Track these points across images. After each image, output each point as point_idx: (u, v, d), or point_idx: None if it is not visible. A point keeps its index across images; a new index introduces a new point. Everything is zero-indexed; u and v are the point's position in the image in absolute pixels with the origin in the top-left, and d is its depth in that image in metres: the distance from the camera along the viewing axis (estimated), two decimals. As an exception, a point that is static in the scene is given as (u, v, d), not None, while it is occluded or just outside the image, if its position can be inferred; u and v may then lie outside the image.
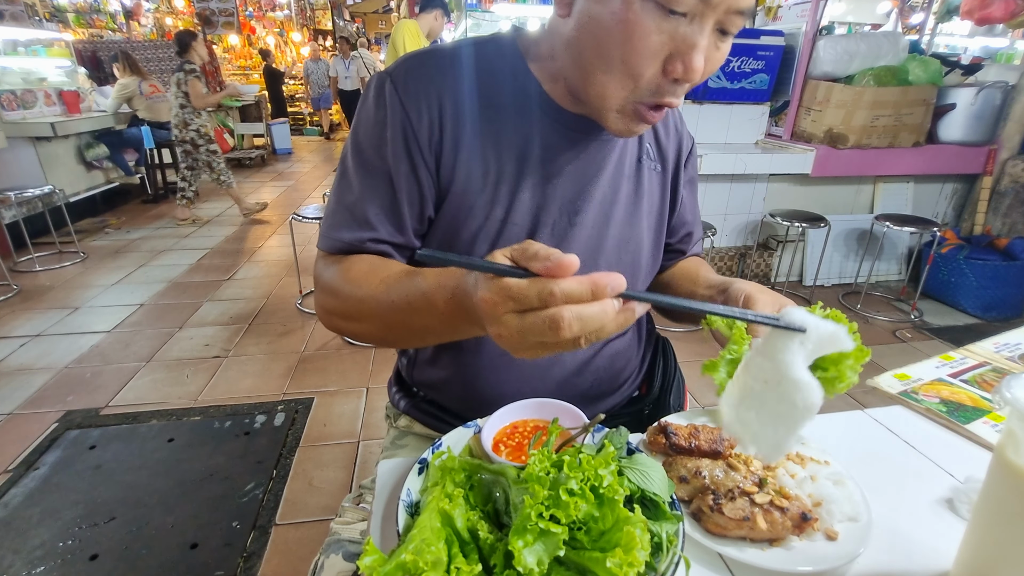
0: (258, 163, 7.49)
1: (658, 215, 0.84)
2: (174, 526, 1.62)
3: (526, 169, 0.71)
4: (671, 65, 0.56)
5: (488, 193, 0.70)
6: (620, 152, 0.77)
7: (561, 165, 0.72)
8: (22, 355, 2.57)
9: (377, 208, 0.68)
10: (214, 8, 8.41)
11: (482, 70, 0.70)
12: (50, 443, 1.97)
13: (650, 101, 0.59)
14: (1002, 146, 3.21)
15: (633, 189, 0.79)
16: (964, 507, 0.61)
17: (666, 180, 0.84)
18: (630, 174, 0.79)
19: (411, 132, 0.66)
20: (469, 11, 5.64)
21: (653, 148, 0.82)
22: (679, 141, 0.85)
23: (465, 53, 0.70)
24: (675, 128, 0.86)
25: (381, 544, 0.55)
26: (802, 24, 3.14)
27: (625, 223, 0.78)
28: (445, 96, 0.67)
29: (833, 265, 3.49)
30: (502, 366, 0.77)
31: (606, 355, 0.82)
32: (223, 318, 3.01)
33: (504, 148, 0.70)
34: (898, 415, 0.79)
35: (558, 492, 0.44)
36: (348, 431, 2.08)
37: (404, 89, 0.67)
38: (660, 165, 0.83)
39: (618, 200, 0.77)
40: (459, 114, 0.68)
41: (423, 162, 0.68)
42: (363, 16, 13.72)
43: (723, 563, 0.54)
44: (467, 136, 0.68)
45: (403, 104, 0.66)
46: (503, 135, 0.70)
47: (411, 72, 0.68)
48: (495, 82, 0.70)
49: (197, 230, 4.60)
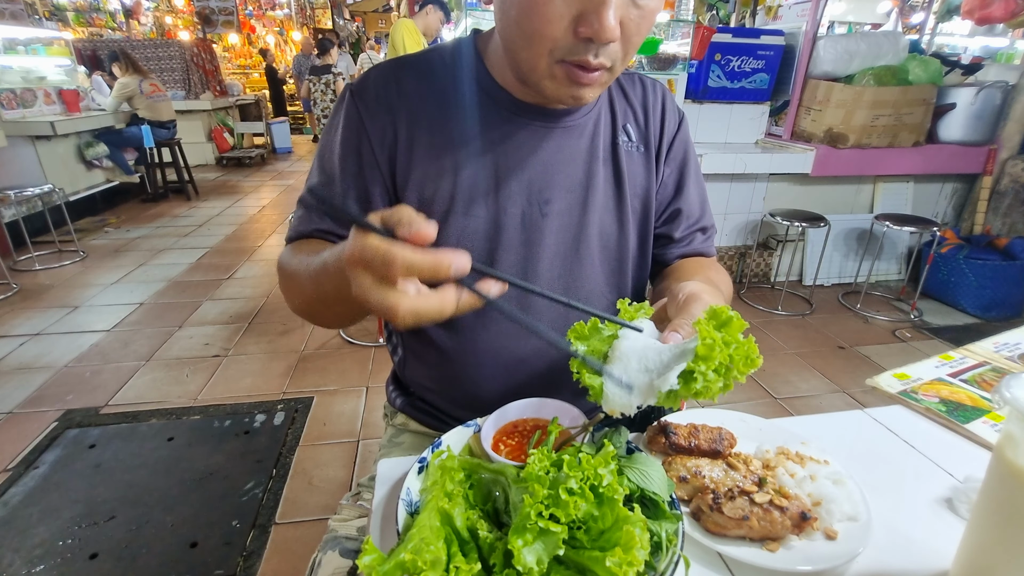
0: (258, 162, 7.49)
1: (644, 197, 0.81)
2: (174, 525, 1.62)
3: (483, 163, 0.72)
4: (582, 25, 0.56)
5: (447, 188, 0.71)
6: (591, 137, 0.76)
7: (523, 155, 0.73)
8: (22, 354, 2.57)
9: (325, 203, 0.73)
10: (214, 7, 8.40)
11: (438, 73, 0.73)
12: (50, 442, 1.97)
13: (571, 59, 0.59)
14: (1002, 146, 3.21)
15: (612, 173, 0.78)
16: (963, 507, 0.61)
17: (650, 160, 0.81)
18: (606, 158, 0.78)
19: (365, 137, 0.71)
20: (469, 10, 5.63)
21: (633, 129, 0.80)
22: (661, 117, 0.83)
23: (425, 59, 0.74)
24: (657, 107, 0.83)
25: (380, 543, 0.55)
26: (802, 24, 3.14)
27: (606, 208, 0.77)
28: (400, 103, 0.71)
29: (833, 265, 3.49)
30: (487, 364, 0.77)
31: None
32: (223, 317, 3.01)
33: (460, 144, 0.71)
34: (898, 415, 0.79)
35: (558, 491, 0.44)
36: (348, 430, 2.08)
37: (361, 98, 0.72)
38: (643, 145, 0.81)
39: (595, 186, 0.76)
40: (415, 118, 0.71)
41: (374, 163, 0.72)
42: (363, 15, 13.71)
43: (723, 562, 0.54)
44: (423, 137, 0.71)
45: (359, 112, 0.72)
46: (459, 132, 0.72)
47: (369, 82, 0.73)
48: (452, 83, 0.73)
49: (197, 229, 4.60)
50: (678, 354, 0.48)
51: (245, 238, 4.40)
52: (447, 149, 0.71)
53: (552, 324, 0.77)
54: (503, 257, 0.74)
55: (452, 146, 0.71)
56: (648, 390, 0.48)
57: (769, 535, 0.53)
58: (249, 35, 10.46)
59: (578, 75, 0.60)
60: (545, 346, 0.77)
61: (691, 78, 3.20)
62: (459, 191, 0.71)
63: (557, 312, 0.77)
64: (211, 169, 7.08)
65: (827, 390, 2.41)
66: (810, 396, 2.36)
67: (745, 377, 0.47)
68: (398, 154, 0.71)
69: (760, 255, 3.48)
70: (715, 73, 3.16)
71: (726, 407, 0.74)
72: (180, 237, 4.38)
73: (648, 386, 0.49)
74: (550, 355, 0.78)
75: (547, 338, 0.49)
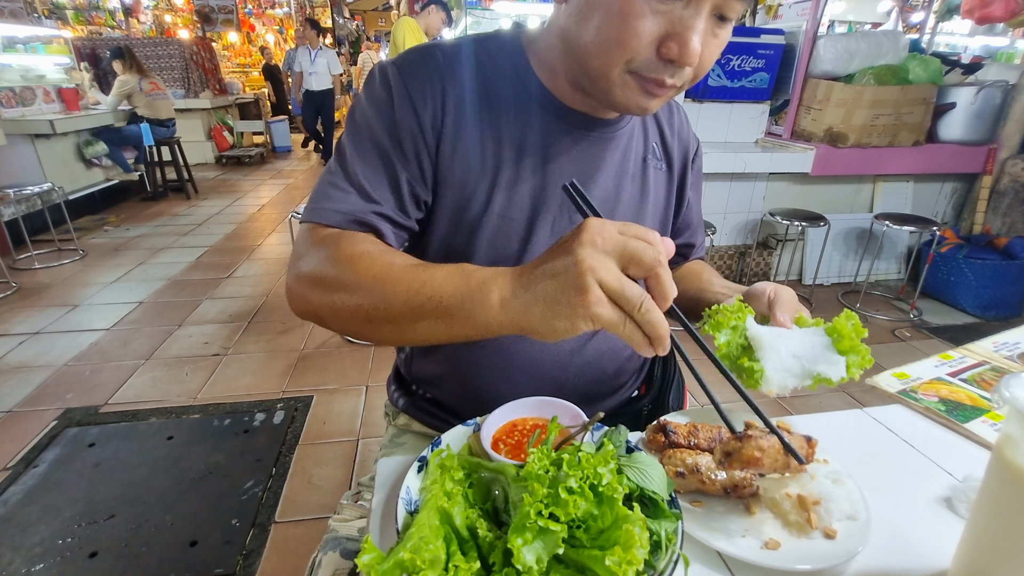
0: (257, 161, 7.48)
1: (663, 217, 0.83)
2: (173, 524, 1.62)
3: (524, 164, 0.70)
4: (666, 47, 0.56)
5: (485, 186, 0.69)
6: (624, 150, 0.76)
7: (561, 162, 0.72)
8: (21, 353, 2.57)
9: (382, 184, 0.66)
10: (213, 5, 8.40)
11: (483, 66, 0.70)
12: (49, 441, 1.97)
13: (648, 75, 0.59)
14: (1002, 145, 3.21)
15: (638, 189, 0.79)
16: (963, 506, 0.61)
17: (672, 181, 0.83)
18: (635, 173, 0.78)
19: (414, 117, 0.66)
20: (469, 9, 5.63)
21: (659, 147, 0.82)
22: (686, 142, 0.85)
23: (466, 49, 0.70)
24: (681, 128, 0.85)
25: (380, 542, 0.55)
26: (802, 23, 3.14)
27: None
28: (448, 88, 0.67)
29: (833, 264, 3.49)
30: (499, 363, 0.77)
31: (606, 355, 0.81)
32: (222, 316, 3.01)
33: (503, 142, 0.70)
34: (897, 414, 0.79)
35: (557, 490, 0.44)
36: (347, 429, 2.08)
37: (410, 76, 0.67)
38: (665, 165, 0.82)
39: (621, 199, 0.76)
40: (460, 106, 0.68)
41: (425, 148, 0.67)
42: (363, 13, 13.70)
43: (722, 561, 0.54)
44: (467, 128, 0.68)
45: (408, 90, 0.66)
46: (502, 129, 0.70)
47: (415, 63, 0.68)
48: (496, 78, 0.70)
49: (196, 228, 4.60)
50: (823, 344, 0.61)
51: (245, 237, 4.39)
52: (491, 146, 0.69)
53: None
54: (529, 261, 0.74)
55: (496, 144, 0.69)
56: (803, 374, 0.59)
57: (783, 466, 0.56)
58: (248, 33, 10.44)
59: (651, 88, 0.60)
60: (557, 347, 0.77)
61: (691, 77, 3.19)
62: (498, 192, 0.70)
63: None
64: (210, 168, 7.07)
65: (826, 389, 2.40)
66: (809, 395, 2.37)
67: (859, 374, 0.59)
68: (443, 140, 0.67)
69: (760, 254, 3.48)
70: (715, 72, 3.15)
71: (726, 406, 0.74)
72: (179, 236, 4.37)
73: (802, 370, 0.59)
74: (562, 357, 0.78)
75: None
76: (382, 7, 13.13)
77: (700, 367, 0.52)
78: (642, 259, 0.43)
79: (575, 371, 0.79)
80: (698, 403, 2.29)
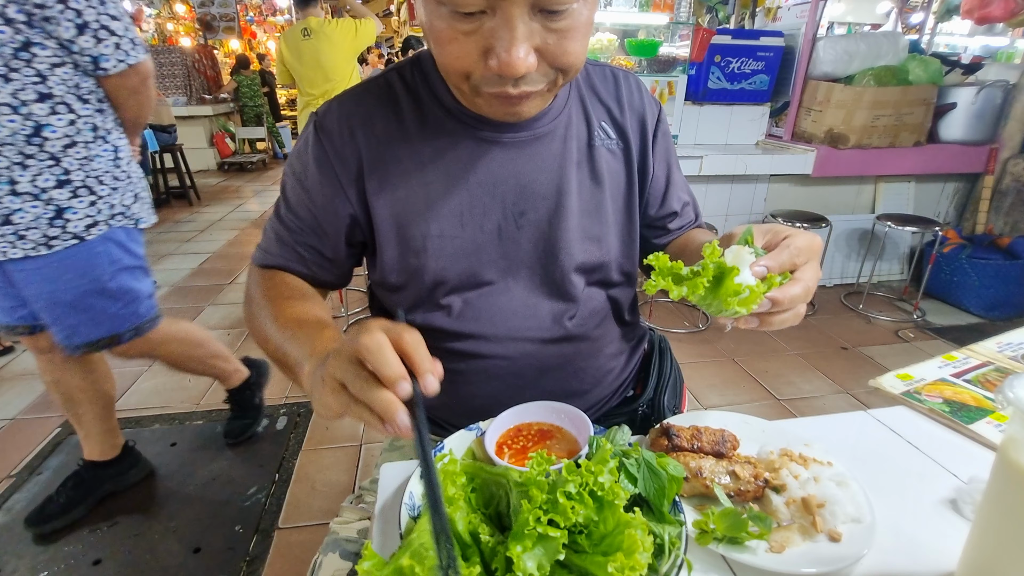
0: (259, 167, 7.51)
1: (626, 195, 0.80)
2: (177, 530, 1.62)
3: (456, 182, 0.71)
4: (490, 60, 0.55)
5: (421, 213, 0.71)
6: (563, 141, 0.75)
7: (494, 169, 0.72)
8: (24, 360, 2.58)
9: (303, 237, 0.75)
10: (215, 13, 8.44)
11: (400, 94, 0.72)
12: (53, 448, 1.97)
13: (490, 91, 0.59)
14: (1003, 145, 3.21)
15: (588, 176, 0.77)
16: (968, 507, 0.60)
17: (631, 156, 0.79)
18: (580, 160, 0.76)
19: (330, 169, 0.71)
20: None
21: (609, 127, 0.79)
22: (640, 111, 0.80)
23: (385, 82, 0.74)
24: (631, 99, 0.81)
25: (382, 546, 0.55)
26: (801, 24, 3.14)
27: (585, 213, 0.76)
28: (365, 131, 0.71)
29: (835, 265, 3.48)
30: (477, 369, 0.77)
31: (583, 351, 0.80)
32: (225, 322, 3.01)
33: (429, 166, 0.71)
34: (901, 416, 0.78)
35: (556, 496, 0.44)
36: (350, 434, 2.07)
37: (324, 129, 0.71)
38: (622, 142, 0.79)
39: (569, 191, 0.75)
40: (380, 144, 0.71)
41: (343, 194, 0.72)
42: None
43: (726, 565, 0.53)
44: (391, 163, 0.71)
45: (323, 143, 0.71)
46: (427, 153, 0.71)
47: (332, 112, 0.72)
48: (414, 102, 0.72)
49: (199, 234, 4.61)
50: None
51: (247, 243, 4.40)
52: (417, 172, 0.71)
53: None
54: (484, 273, 0.74)
55: (422, 168, 0.71)
56: None
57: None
58: (250, 41, 10.50)
59: (504, 100, 0.60)
60: (525, 350, 0.77)
61: (691, 80, 3.20)
62: (434, 215, 0.71)
63: None
64: (213, 174, 7.10)
65: (830, 391, 2.40)
66: (813, 397, 2.36)
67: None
68: (367, 184, 0.71)
69: (762, 256, 3.47)
70: (715, 75, 3.16)
71: (728, 409, 0.74)
72: (182, 242, 4.39)
73: None
74: (534, 359, 0.77)
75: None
76: (383, 13, 13.19)
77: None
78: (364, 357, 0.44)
79: (553, 369, 0.78)
80: (699, 404, 2.28)
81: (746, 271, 0.53)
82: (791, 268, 0.56)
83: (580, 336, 0.79)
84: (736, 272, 0.52)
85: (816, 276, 0.57)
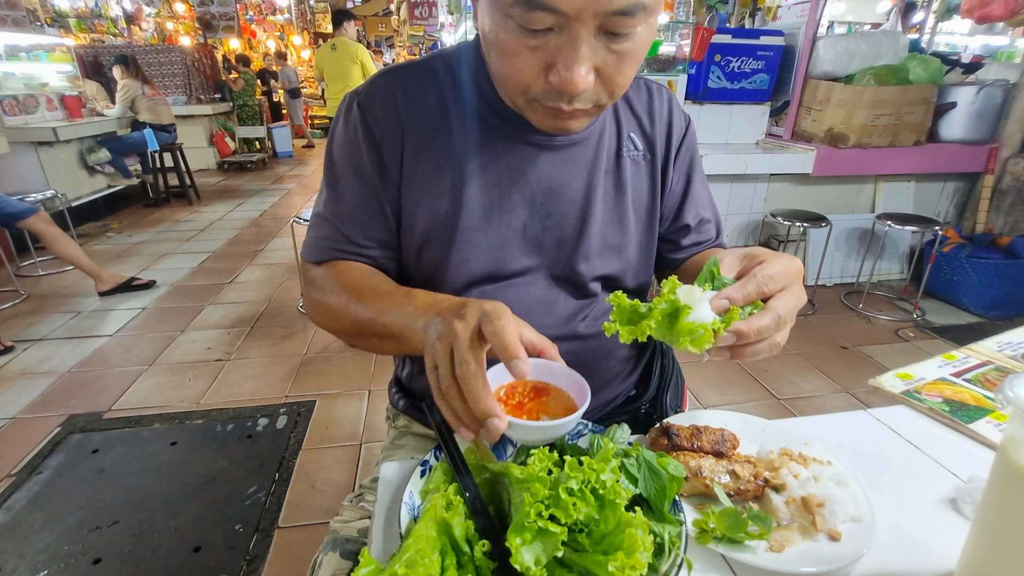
0: (259, 166, 7.51)
1: (648, 208, 0.81)
2: (177, 529, 1.62)
3: (488, 178, 0.72)
4: (551, 75, 0.56)
5: (453, 205, 0.71)
6: (595, 148, 0.76)
7: (526, 169, 0.72)
8: (25, 359, 2.58)
9: (357, 216, 0.73)
10: (215, 12, 8.43)
11: (444, 81, 0.73)
12: (53, 447, 1.97)
13: (546, 104, 0.60)
14: (1003, 144, 3.21)
15: (613, 185, 0.78)
16: (968, 507, 0.60)
17: (655, 168, 0.81)
18: (608, 169, 0.77)
19: (375, 151, 0.71)
20: (468, 13, 5.65)
21: (639, 138, 0.80)
22: (668, 124, 0.82)
23: (429, 67, 0.74)
24: (662, 112, 0.82)
25: (383, 547, 0.55)
26: (802, 24, 3.14)
27: (607, 221, 0.77)
28: (408, 113, 0.71)
29: (835, 265, 3.48)
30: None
31: (595, 350, 0.80)
32: (225, 321, 3.01)
33: (465, 159, 0.71)
34: (901, 415, 0.78)
35: (558, 491, 0.44)
36: (350, 433, 2.08)
37: (368, 110, 0.71)
38: (648, 154, 0.80)
39: (595, 197, 0.75)
40: (421, 129, 0.71)
41: (390, 177, 0.72)
42: (363, 19, 13.75)
43: (726, 564, 0.53)
44: (429, 151, 0.71)
45: (368, 124, 0.71)
46: (464, 146, 0.71)
47: (375, 92, 0.72)
48: (456, 92, 0.72)
49: (199, 233, 4.61)
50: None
51: (247, 242, 4.40)
52: (452, 164, 0.71)
53: None
54: (504, 268, 0.74)
55: (457, 161, 0.71)
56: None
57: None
58: (250, 40, 10.49)
59: (557, 114, 0.61)
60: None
61: (691, 79, 3.20)
62: (464, 208, 0.71)
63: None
64: (213, 173, 7.10)
65: (830, 390, 2.40)
66: (813, 397, 2.36)
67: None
68: (405, 168, 0.71)
69: (762, 255, 3.47)
70: (715, 74, 3.16)
71: (728, 408, 0.74)
72: (182, 242, 4.39)
73: None
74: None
75: None
76: (383, 12, 13.19)
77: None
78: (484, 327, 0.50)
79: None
80: (699, 403, 2.28)
81: (703, 307, 0.52)
82: (760, 297, 0.54)
83: (591, 336, 0.79)
84: (687, 311, 0.51)
85: (794, 303, 0.55)
